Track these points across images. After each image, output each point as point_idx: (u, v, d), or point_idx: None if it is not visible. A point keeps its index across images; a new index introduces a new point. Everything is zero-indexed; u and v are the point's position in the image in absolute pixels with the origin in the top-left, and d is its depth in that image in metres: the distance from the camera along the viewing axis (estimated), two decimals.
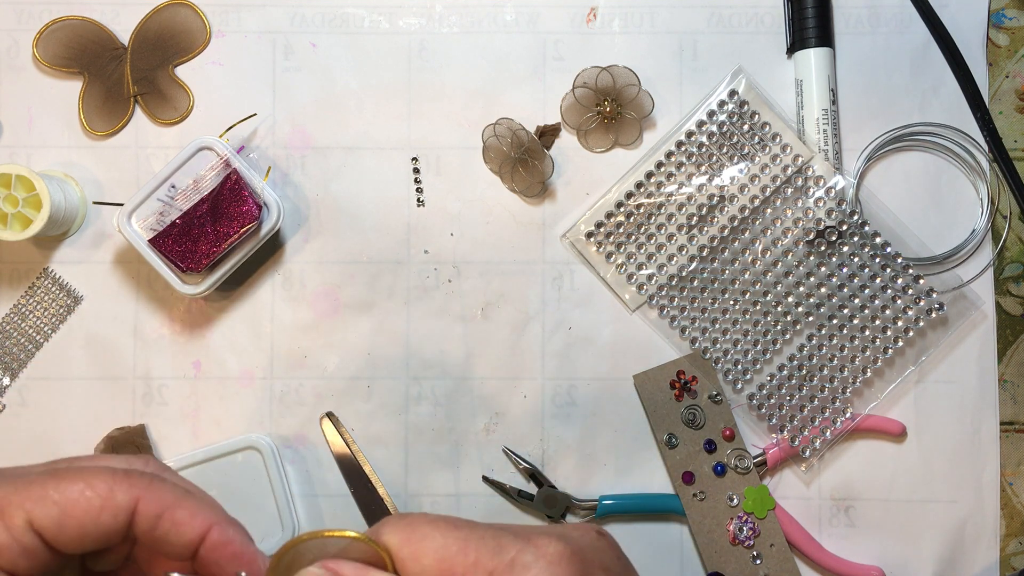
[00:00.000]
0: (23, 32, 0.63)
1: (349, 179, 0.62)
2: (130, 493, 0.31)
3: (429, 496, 0.62)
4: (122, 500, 0.31)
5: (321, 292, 0.62)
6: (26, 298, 0.62)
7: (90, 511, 0.30)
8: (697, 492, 0.60)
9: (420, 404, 0.62)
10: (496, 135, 0.61)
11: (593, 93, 0.61)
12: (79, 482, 0.31)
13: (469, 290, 0.62)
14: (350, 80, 0.63)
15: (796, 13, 0.61)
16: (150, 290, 0.62)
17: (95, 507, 0.30)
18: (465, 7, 0.63)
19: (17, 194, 0.57)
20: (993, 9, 0.63)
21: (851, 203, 0.61)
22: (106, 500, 0.30)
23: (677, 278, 0.61)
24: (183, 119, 0.63)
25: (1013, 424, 0.62)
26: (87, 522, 0.30)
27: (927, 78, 0.62)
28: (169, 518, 0.31)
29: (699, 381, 0.61)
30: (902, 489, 0.61)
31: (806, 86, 0.61)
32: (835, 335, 0.61)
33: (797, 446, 0.60)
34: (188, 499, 0.32)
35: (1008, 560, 0.61)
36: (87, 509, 0.30)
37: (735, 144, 0.61)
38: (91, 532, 0.30)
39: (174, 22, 0.63)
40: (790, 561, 0.60)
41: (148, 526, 0.31)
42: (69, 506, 0.30)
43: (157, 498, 0.31)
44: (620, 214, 0.62)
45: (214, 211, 0.58)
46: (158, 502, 0.31)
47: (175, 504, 0.31)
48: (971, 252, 0.62)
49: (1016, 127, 0.63)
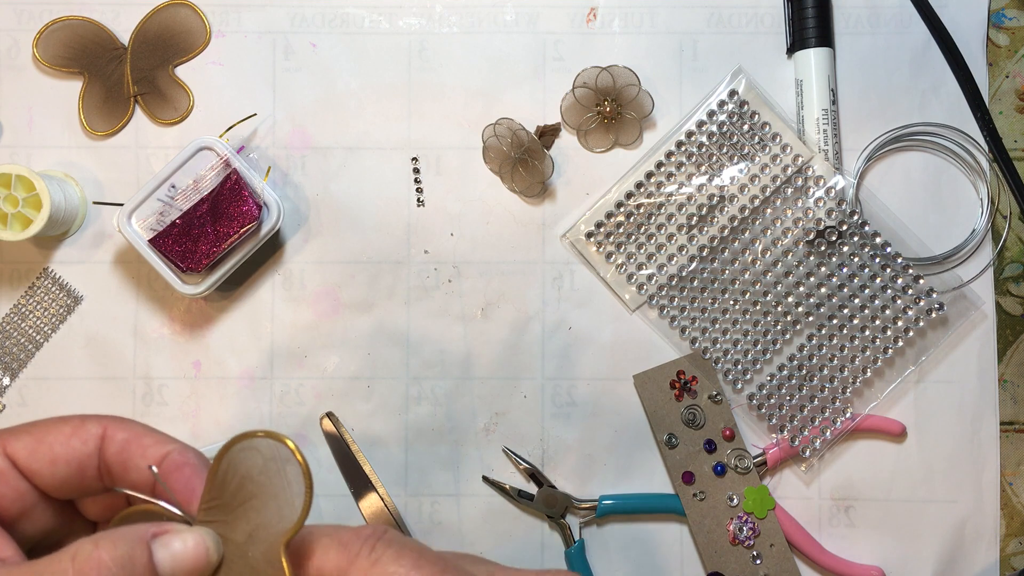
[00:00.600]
0: (23, 32, 0.63)
1: (349, 179, 0.62)
2: (99, 422, 0.34)
3: (429, 496, 0.62)
4: (91, 427, 0.33)
5: (321, 292, 0.62)
6: (26, 298, 0.62)
7: (61, 436, 0.33)
8: (697, 492, 0.60)
9: (420, 404, 0.62)
10: (496, 135, 0.61)
11: (593, 93, 0.61)
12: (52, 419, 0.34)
13: (469, 290, 0.62)
14: (350, 80, 0.63)
15: (796, 13, 0.61)
16: (150, 290, 0.62)
17: (66, 433, 0.33)
18: (465, 7, 0.63)
19: (17, 194, 0.57)
20: (993, 9, 0.63)
21: (851, 203, 0.61)
22: (76, 428, 0.33)
23: (677, 278, 0.61)
24: (183, 119, 0.63)
25: (1013, 424, 0.62)
26: (58, 445, 0.33)
27: (927, 78, 0.62)
28: (136, 442, 0.34)
29: (699, 381, 0.61)
30: (902, 489, 0.61)
31: (806, 86, 0.61)
32: (835, 335, 0.61)
33: (797, 446, 0.60)
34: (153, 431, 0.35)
35: (1008, 560, 0.61)
36: (58, 434, 0.33)
37: (735, 144, 0.61)
38: (63, 456, 0.33)
39: (174, 22, 0.63)
40: (790, 561, 0.60)
41: (117, 450, 0.33)
42: (41, 432, 0.33)
43: (123, 427, 0.34)
44: (620, 214, 0.62)
45: (214, 211, 0.58)
46: (125, 430, 0.34)
47: (141, 433, 0.34)
48: (971, 252, 0.62)
49: (1016, 127, 0.63)
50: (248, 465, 0.33)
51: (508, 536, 0.61)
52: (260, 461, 0.33)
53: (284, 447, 0.33)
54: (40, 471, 0.33)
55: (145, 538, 0.30)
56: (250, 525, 0.33)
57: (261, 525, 0.33)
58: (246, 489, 0.33)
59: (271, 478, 0.33)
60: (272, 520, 0.33)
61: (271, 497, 0.33)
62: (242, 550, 0.33)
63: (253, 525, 0.33)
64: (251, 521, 0.33)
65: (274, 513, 0.33)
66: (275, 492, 0.33)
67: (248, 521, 0.33)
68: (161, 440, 0.34)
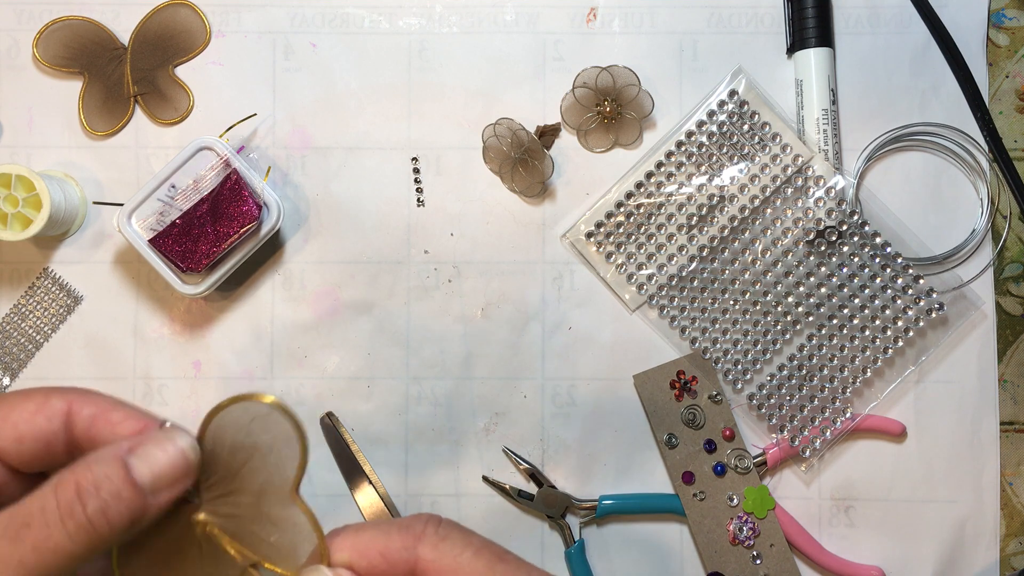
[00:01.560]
0: (23, 32, 0.63)
1: (349, 179, 0.62)
2: (63, 398, 0.33)
3: (429, 496, 0.62)
4: (56, 404, 0.32)
5: (321, 292, 0.62)
6: (26, 298, 0.62)
7: (24, 413, 0.32)
8: (697, 492, 0.60)
9: (420, 404, 0.62)
10: (496, 135, 0.61)
11: (593, 93, 0.61)
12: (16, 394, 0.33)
13: (469, 290, 0.62)
14: (350, 80, 0.63)
15: (796, 13, 0.61)
16: (150, 290, 0.62)
17: (29, 411, 0.32)
18: (465, 7, 0.63)
19: (17, 194, 0.57)
20: (993, 9, 0.63)
21: (851, 203, 0.61)
22: (40, 404, 0.32)
23: (677, 278, 0.61)
24: (183, 119, 0.63)
25: (1013, 424, 0.62)
26: (22, 423, 0.32)
27: (927, 78, 0.62)
28: (104, 418, 0.33)
29: (699, 381, 0.61)
30: (902, 489, 0.61)
31: (806, 86, 0.61)
32: (835, 335, 0.61)
33: (797, 446, 0.60)
34: (121, 405, 0.33)
35: (1008, 560, 0.61)
36: (22, 412, 0.32)
37: (735, 144, 0.61)
38: (28, 434, 0.32)
39: (174, 22, 0.63)
40: (790, 561, 0.60)
41: (85, 426, 0.32)
42: (5, 411, 0.32)
43: (89, 401, 0.33)
44: (620, 214, 0.62)
45: (214, 211, 0.58)
46: (92, 405, 0.33)
47: (110, 408, 0.33)
48: (971, 252, 0.62)
49: (1016, 127, 0.63)
50: (231, 436, 0.33)
51: (508, 536, 0.61)
52: (242, 426, 0.33)
53: (258, 404, 0.33)
54: (6, 449, 0.32)
55: (120, 455, 0.30)
56: (256, 485, 0.33)
57: (267, 481, 0.33)
58: (238, 458, 0.33)
59: (258, 437, 0.33)
60: (275, 473, 0.33)
61: (267, 453, 0.33)
62: (257, 510, 0.33)
63: (259, 484, 0.33)
64: (256, 482, 0.33)
65: (275, 465, 0.33)
66: (268, 447, 0.33)
67: (253, 483, 0.33)
68: (130, 415, 0.33)
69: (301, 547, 0.33)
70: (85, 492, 0.29)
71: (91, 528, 0.29)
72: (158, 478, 0.30)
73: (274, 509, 0.33)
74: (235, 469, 0.33)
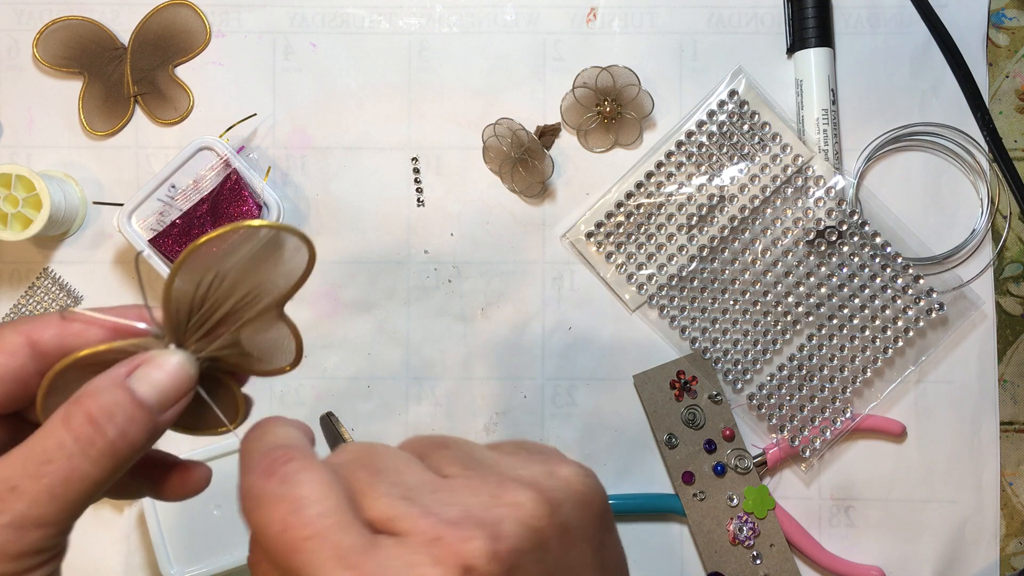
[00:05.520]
0: (23, 32, 0.63)
1: (349, 179, 0.62)
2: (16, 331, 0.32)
3: None
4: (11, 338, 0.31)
5: (321, 292, 0.62)
6: (26, 298, 0.62)
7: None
8: (697, 492, 0.60)
9: (420, 404, 0.62)
10: (496, 135, 0.61)
11: (593, 93, 0.61)
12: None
13: (469, 290, 0.62)
14: (350, 80, 0.63)
15: (796, 13, 0.61)
16: (150, 290, 0.62)
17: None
18: (465, 7, 0.63)
19: (17, 194, 0.57)
20: (993, 9, 0.63)
21: (851, 203, 0.61)
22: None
23: (677, 278, 0.61)
24: (183, 119, 0.63)
25: (1013, 424, 0.62)
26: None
27: (927, 78, 0.62)
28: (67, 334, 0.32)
29: (699, 381, 0.61)
30: (902, 489, 0.61)
31: (806, 86, 0.61)
32: (835, 335, 0.61)
33: (797, 446, 0.60)
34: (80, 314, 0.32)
35: (1008, 560, 0.61)
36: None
37: (735, 144, 0.61)
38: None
39: (174, 22, 0.63)
40: (790, 561, 0.60)
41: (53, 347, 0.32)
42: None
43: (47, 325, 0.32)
44: (620, 214, 0.62)
45: (214, 211, 0.58)
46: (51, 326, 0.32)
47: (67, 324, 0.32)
48: (971, 252, 0.62)
49: (1016, 127, 0.63)
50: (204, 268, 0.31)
51: None
52: (221, 253, 0.31)
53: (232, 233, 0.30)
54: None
55: (120, 381, 0.30)
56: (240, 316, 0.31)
57: (250, 297, 0.31)
58: (219, 291, 0.31)
59: (240, 254, 0.31)
60: (265, 289, 0.32)
61: (254, 271, 0.31)
62: (239, 336, 0.32)
63: (243, 300, 0.31)
64: (241, 314, 0.31)
65: (266, 281, 0.32)
66: (256, 267, 0.31)
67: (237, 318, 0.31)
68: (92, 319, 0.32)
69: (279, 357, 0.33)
70: (100, 420, 0.29)
71: (114, 452, 0.29)
72: (163, 396, 0.30)
73: (258, 330, 0.32)
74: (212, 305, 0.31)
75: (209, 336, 0.31)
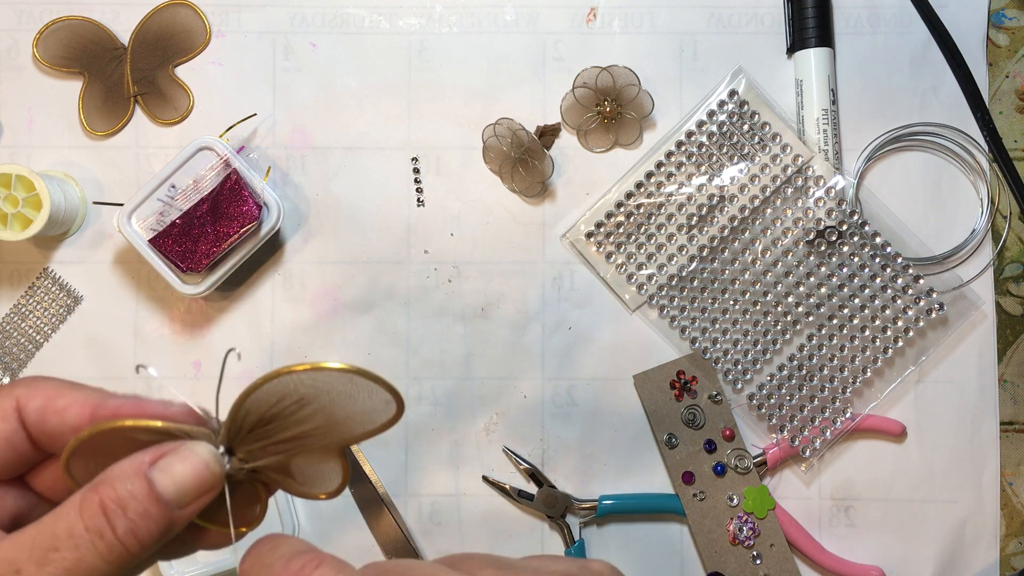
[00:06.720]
0: (23, 32, 0.63)
1: (349, 179, 0.62)
2: (9, 395, 0.31)
3: (429, 496, 0.62)
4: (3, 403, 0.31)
5: (321, 292, 0.62)
6: (26, 298, 0.62)
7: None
8: (697, 492, 0.60)
9: (420, 404, 0.62)
10: (496, 135, 0.61)
11: (593, 93, 0.61)
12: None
13: (469, 290, 0.62)
14: (350, 80, 0.63)
15: (796, 13, 0.61)
16: (150, 290, 0.62)
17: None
18: (465, 7, 0.63)
19: (17, 194, 0.57)
20: (993, 9, 0.63)
21: (851, 203, 0.61)
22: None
23: (677, 278, 0.61)
24: (183, 119, 0.63)
25: (1013, 424, 0.62)
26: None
27: (927, 78, 0.62)
28: (51, 408, 0.31)
29: (699, 381, 0.61)
30: (902, 489, 0.61)
31: (806, 86, 0.61)
32: (835, 335, 0.61)
33: (797, 446, 0.60)
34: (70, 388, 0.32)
35: (1008, 560, 0.61)
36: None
37: (735, 144, 0.61)
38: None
39: (174, 22, 0.63)
40: (790, 561, 0.60)
41: (35, 420, 0.31)
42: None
43: (35, 392, 0.31)
44: (620, 214, 0.62)
45: (214, 211, 0.58)
46: (37, 395, 0.31)
47: (54, 395, 0.31)
48: (971, 252, 0.62)
49: (1016, 127, 0.63)
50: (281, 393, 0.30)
51: (508, 536, 0.61)
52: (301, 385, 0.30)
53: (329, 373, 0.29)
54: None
55: (142, 470, 0.29)
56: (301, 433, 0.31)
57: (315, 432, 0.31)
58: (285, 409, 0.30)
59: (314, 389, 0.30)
60: (340, 429, 0.31)
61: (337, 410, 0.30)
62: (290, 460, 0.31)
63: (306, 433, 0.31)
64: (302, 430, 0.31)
65: (344, 423, 0.31)
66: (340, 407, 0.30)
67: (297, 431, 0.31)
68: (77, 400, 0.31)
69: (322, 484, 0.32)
70: (112, 512, 0.28)
71: (122, 548, 0.28)
72: (183, 492, 0.29)
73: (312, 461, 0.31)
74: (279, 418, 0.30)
75: (264, 451, 0.31)
